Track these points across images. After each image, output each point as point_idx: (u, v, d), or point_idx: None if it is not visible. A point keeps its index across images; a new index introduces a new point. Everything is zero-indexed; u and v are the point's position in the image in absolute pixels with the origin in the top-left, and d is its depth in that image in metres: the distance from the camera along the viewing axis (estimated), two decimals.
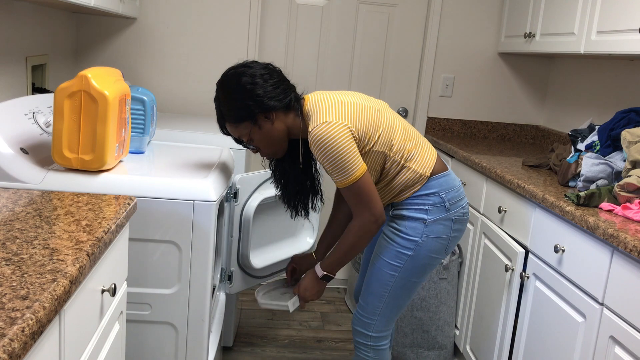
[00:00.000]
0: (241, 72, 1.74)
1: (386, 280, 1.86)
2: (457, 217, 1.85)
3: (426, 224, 1.81)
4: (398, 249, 1.83)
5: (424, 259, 1.84)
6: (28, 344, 0.82)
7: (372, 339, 1.93)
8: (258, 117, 1.73)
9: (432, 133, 3.43)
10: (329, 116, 1.70)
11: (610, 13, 2.24)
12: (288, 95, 1.77)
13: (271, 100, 1.72)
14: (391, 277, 1.85)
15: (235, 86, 1.73)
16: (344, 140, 1.68)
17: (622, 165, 1.99)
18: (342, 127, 1.69)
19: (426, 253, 1.83)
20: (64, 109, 1.62)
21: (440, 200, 1.82)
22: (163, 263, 1.80)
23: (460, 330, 2.70)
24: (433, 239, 1.82)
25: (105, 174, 1.73)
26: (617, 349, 1.56)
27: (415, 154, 1.83)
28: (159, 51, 3.19)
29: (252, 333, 2.94)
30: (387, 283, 1.86)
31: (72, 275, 1.00)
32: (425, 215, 1.81)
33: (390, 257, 1.84)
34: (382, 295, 1.87)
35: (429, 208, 1.81)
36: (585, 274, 1.74)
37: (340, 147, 1.67)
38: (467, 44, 3.38)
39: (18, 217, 1.27)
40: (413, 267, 1.84)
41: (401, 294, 1.88)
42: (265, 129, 1.76)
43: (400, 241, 1.83)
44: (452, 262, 2.66)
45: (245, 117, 1.73)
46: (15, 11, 2.27)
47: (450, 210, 1.83)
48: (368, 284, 1.91)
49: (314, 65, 3.34)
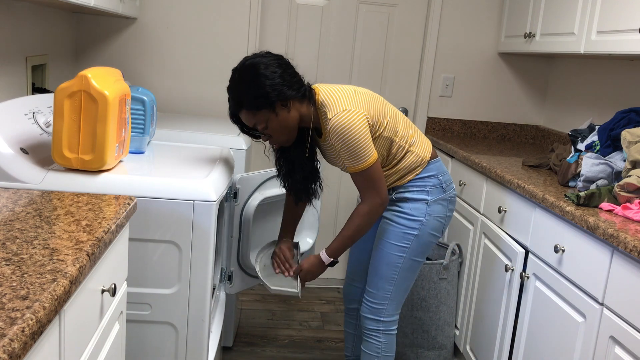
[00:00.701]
0: (261, 62, 1.80)
1: (395, 262, 1.98)
2: (450, 197, 2.02)
3: (428, 204, 1.96)
4: (404, 230, 1.96)
5: (428, 237, 1.98)
6: (28, 344, 0.82)
7: (383, 324, 2.04)
8: (277, 105, 1.79)
9: (432, 133, 3.43)
10: (348, 104, 1.81)
11: (610, 13, 2.24)
12: (303, 84, 1.86)
13: (290, 89, 1.80)
14: (399, 258, 1.97)
15: (255, 74, 1.78)
16: (362, 127, 1.80)
17: (622, 165, 1.99)
18: (361, 115, 1.81)
19: (429, 231, 1.97)
20: (64, 109, 1.62)
21: (438, 182, 1.98)
22: (163, 263, 1.80)
23: (460, 330, 2.70)
24: (434, 217, 1.97)
25: (105, 174, 1.73)
26: (617, 349, 1.56)
27: (417, 139, 1.99)
28: (159, 51, 3.19)
29: (252, 333, 2.94)
30: (396, 265, 1.98)
31: (72, 275, 1.00)
32: (427, 196, 1.96)
33: (397, 239, 1.97)
34: (392, 278, 1.99)
35: (430, 189, 1.97)
36: (585, 274, 1.74)
37: (359, 134, 1.79)
38: (467, 44, 3.38)
39: (18, 217, 1.27)
40: (418, 246, 1.98)
41: (409, 275, 2.01)
42: (282, 117, 1.81)
43: (406, 222, 1.96)
44: (452, 262, 2.66)
45: (264, 105, 1.78)
46: (15, 11, 2.27)
47: (446, 191, 2.00)
48: (376, 270, 2.01)
49: (314, 65, 3.34)
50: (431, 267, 2.62)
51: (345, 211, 3.51)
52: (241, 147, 2.47)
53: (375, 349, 2.06)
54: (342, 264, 3.55)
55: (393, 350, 2.09)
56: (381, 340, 2.05)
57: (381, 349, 2.06)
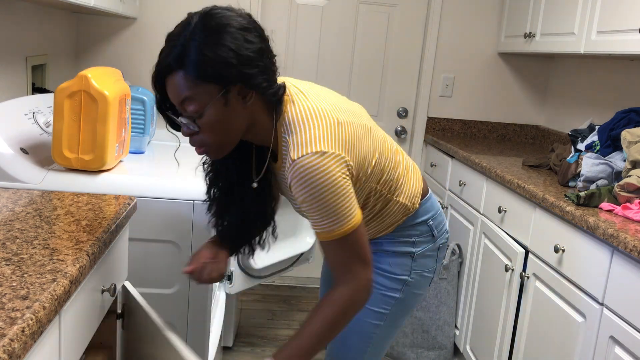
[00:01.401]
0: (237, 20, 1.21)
1: (370, 332, 1.49)
2: (441, 244, 1.55)
3: (414, 258, 1.48)
4: (383, 292, 1.47)
5: (413, 298, 1.51)
6: (28, 344, 0.82)
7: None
8: (233, 88, 1.19)
9: (432, 133, 3.43)
10: (323, 143, 1.21)
11: (610, 13, 2.24)
12: (278, 84, 1.27)
13: (262, 75, 1.20)
14: (376, 327, 1.48)
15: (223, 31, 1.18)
16: (341, 178, 1.21)
17: (622, 165, 1.99)
18: (340, 160, 1.22)
19: (414, 291, 1.51)
20: (64, 109, 1.62)
21: (428, 229, 1.50)
22: (163, 263, 1.80)
23: (460, 330, 2.70)
24: (421, 274, 1.50)
25: (105, 174, 1.73)
26: (617, 349, 1.56)
27: (404, 181, 1.45)
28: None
29: (252, 333, 2.94)
30: (370, 335, 1.49)
31: (72, 275, 1.00)
32: (413, 248, 1.48)
33: (374, 304, 1.47)
34: (364, 351, 1.50)
35: (416, 240, 1.48)
36: (585, 274, 1.74)
37: (336, 187, 1.20)
38: (467, 44, 3.38)
39: (18, 217, 1.27)
40: (401, 310, 1.50)
41: (385, 343, 1.53)
42: (230, 109, 1.21)
43: (386, 282, 1.47)
44: (452, 262, 2.66)
45: (215, 78, 1.17)
46: (15, 11, 2.27)
47: (437, 238, 1.52)
48: (344, 340, 1.49)
49: (314, 65, 3.34)
50: None
51: None
52: None
53: None
54: None
55: None
56: None
57: None
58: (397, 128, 3.47)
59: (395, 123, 3.47)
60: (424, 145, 3.45)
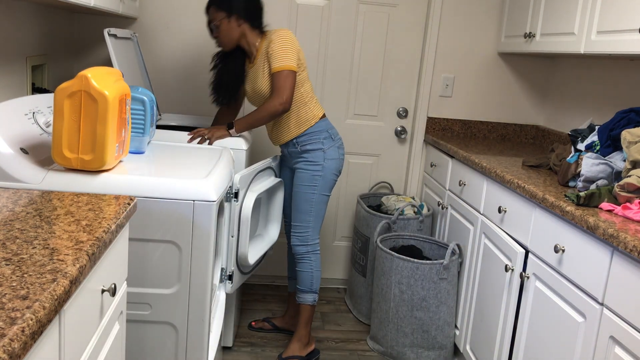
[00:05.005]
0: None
1: (309, 198, 2.55)
2: (339, 144, 2.61)
3: (324, 151, 2.55)
4: (311, 174, 2.55)
5: (330, 175, 2.58)
6: (28, 344, 0.82)
7: (310, 246, 2.60)
8: (233, 16, 2.44)
9: (432, 133, 3.43)
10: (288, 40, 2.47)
11: (610, 13, 2.24)
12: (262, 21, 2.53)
13: (251, 14, 2.48)
14: (312, 195, 2.55)
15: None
16: (294, 44, 2.44)
17: (622, 165, 1.99)
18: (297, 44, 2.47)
19: (330, 171, 2.57)
20: (64, 109, 1.62)
21: (328, 135, 2.57)
22: (163, 263, 1.80)
23: (460, 330, 2.70)
24: (331, 160, 2.56)
25: (105, 174, 1.73)
26: (617, 349, 1.56)
27: (315, 101, 2.60)
28: (159, 51, 3.19)
29: (252, 333, 2.94)
30: (310, 200, 2.56)
31: (72, 275, 1.00)
32: (322, 145, 2.56)
33: (307, 181, 2.55)
34: (310, 211, 2.57)
35: (323, 140, 2.56)
36: (585, 274, 1.74)
37: (291, 43, 2.42)
38: (467, 44, 3.38)
39: (18, 217, 1.27)
40: (324, 183, 2.56)
41: (321, 207, 2.59)
42: (230, 27, 2.46)
43: (311, 167, 2.55)
44: (452, 262, 2.66)
45: (225, 9, 2.43)
46: (15, 11, 2.27)
47: (334, 140, 2.59)
48: (296, 207, 2.58)
49: (314, 65, 3.34)
50: (431, 267, 2.62)
51: (345, 210, 3.52)
52: (241, 147, 2.47)
53: (308, 267, 2.61)
54: (345, 268, 3.55)
55: (320, 266, 2.64)
56: (312, 259, 2.61)
57: (312, 266, 2.61)
58: (397, 128, 3.47)
59: (395, 123, 3.47)
60: (424, 145, 3.45)
